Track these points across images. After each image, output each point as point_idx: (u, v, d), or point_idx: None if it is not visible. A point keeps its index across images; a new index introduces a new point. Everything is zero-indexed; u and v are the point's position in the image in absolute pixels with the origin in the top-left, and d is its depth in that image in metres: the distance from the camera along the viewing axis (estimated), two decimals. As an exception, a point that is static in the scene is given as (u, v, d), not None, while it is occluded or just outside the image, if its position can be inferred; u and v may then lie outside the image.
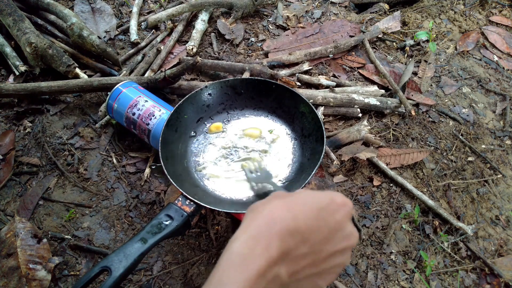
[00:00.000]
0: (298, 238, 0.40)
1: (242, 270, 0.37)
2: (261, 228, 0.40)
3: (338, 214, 0.43)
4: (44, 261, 0.79)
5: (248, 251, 0.38)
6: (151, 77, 1.05)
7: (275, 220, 0.40)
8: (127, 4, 1.40)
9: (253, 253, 0.38)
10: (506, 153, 1.10)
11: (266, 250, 0.38)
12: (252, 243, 0.39)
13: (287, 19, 1.38)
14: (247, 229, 0.40)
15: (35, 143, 1.01)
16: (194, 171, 0.86)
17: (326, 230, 0.42)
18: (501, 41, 1.37)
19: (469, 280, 0.87)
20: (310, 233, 0.41)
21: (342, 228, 0.43)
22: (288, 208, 0.42)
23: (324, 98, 1.07)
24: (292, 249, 0.40)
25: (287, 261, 0.40)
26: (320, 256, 0.42)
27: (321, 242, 0.41)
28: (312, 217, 0.41)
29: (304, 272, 0.41)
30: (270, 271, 0.38)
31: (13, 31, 1.12)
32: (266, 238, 0.39)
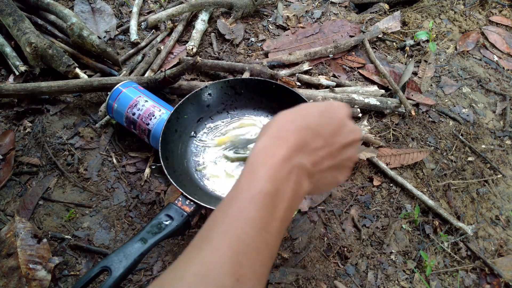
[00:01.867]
0: (311, 133, 0.46)
1: (269, 156, 0.43)
2: (277, 128, 0.45)
3: (339, 113, 0.49)
4: (44, 261, 0.79)
5: (271, 144, 0.44)
6: (151, 77, 1.05)
7: (288, 120, 0.46)
8: (127, 4, 1.40)
9: (275, 145, 0.44)
10: (506, 153, 1.10)
11: (285, 142, 0.44)
12: (273, 140, 0.44)
13: (287, 19, 1.38)
14: (265, 133, 0.45)
15: (35, 143, 1.01)
16: (194, 171, 0.86)
17: (333, 125, 0.47)
18: (501, 41, 1.37)
19: (469, 280, 0.87)
20: (320, 128, 0.46)
21: (345, 124, 0.49)
22: (296, 113, 0.47)
23: (324, 98, 1.07)
24: (309, 141, 0.45)
25: (307, 152, 0.45)
26: (335, 148, 0.47)
27: (332, 135, 0.47)
28: (318, 116, 0.47)
29: (324, 163, 0.47)
30: (293, 158, 0.43)
31: (13, 31, 1.12)
32: (284, 134, 0.45)
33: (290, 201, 0.42)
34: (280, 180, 0.41)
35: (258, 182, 0.41)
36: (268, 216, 0.40)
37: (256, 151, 0.44)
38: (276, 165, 0.42)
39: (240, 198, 0.40)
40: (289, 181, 0.42)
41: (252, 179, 0.41)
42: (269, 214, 0.40)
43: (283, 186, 0.42)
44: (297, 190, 0.43)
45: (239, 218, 0.39)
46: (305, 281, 0.81)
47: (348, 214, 0.93)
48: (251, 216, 0.39)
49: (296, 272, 0.82)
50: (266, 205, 0.40)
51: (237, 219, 0.39)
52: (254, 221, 0.39)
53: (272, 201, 0.40)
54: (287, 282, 0.81)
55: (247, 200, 0.40)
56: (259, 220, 0.39)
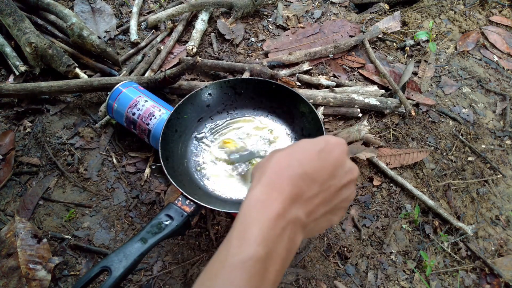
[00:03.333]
0: (307, 180, 0.43)
1: (262, 211, 0.40)
2: (272, 177, 0.43)
3: (336, 152, 0.46)
4: (44, 261, 0.79)
5: (265, 196, 0.41)
6: (151, 77, 1.05)
7: (283, 168, 0.44)
8: (127, 4, 1.40)
9: (270, 198, 0.41)
10: (506, 153, 1.10)
11: (281, 194, 0.41)
12: (267, 190, 0.42)
13: (287, 19, 1.38)
14: (259, 181, 0.43)
15: (35, 143, 1.01)
16: (194, 171, 0.86)
17: (329, 167, 0.45)
18: (501, 41, 1.37)
19: (469, 280, 0.87)
20: (316, 173, 0.44)
21: (342, 164, 0.46)
22: (291, 156, 0.45)
23: (324, 98, 1.07)
24: (304, 190, 0.43)
25: (302, 202, 0.43)
26: (330, 193, 0.45)
27: (328, 179, 0.45)
28: (314, 159, 0.45)
29: (319, 210, 0.45)
30: (288, 212, 0.41)
31: (13, 31, 1.12)
32: (279, 184, 0.42)
33: (283, 262, 0.41)
34: (273, 241, 0.39)
35: (249, 245, 0.38)
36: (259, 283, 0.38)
37: (248, 203, 0.42)
38: (270, 224, 0.39)
39: (230, 263, 0.38)
40: (283, 240, 0.40)
41: (243, 240, 0.39)
42: (260, 280, 0.38)
43: (276, 247, 0.40)
44: (291, 247, 0.42)
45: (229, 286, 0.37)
46: (305, 281, 0.81)
47: (348, 214, 0.93)
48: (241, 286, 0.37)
49: (296, 272, 0.82)
50: (257, 272, 0.38)
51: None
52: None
53: (263, 266, 0.38)
54: (287, 282, 0.81)
55: (237, 266, 0.37)
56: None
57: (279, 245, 0.40)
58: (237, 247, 0.39)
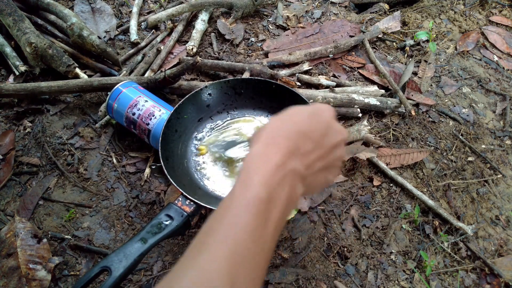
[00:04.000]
0: (302, 137, 0.47)
1: (263, 163, 0.43)
2: (268, 136, 0.46)
3: (325, 115, 0.51)
4: (44, 261, 0.79)
5: (265, 151, 0.45)
6: (151, 77, 1.05)
7: (279, 127, 0.48)
8: (127, 4, 1.40)
9: (268, 151, 0.45)
10: (506, 153, 1.10)
11: (279, 148, 0.45)
12: (266, 146, 0.45)
13: (287, 19, 1.38)
14: (257, 140, 0.46)
15: (35, 143, 1.01)
16: (194, 171, 0.86)
17: (321, 127, 0.49)
18: (501, 41, 1.37)
19: (469, 280, 0.87)
20: (310, 132, 0.48)
21: (332, 125, 0.51)
22: (285, 119, 0.49)
23: (324, 98, 1.07)
24: (300, 145, 0.46)
25: (299, 156, 0.46)
26: (324, 150, 0.49)
27: (321, 137, 0.49)
28: (307, 120, 0.49)
29: (316, 165, 0.48)
30: (287, 163, 0.44)
31: (13, 31, 1.12)
32: (276, 140, 0.46)
33: (284, 207, 0.43)
34: (274, 186, 0.42)
35: (253, 188, 0.41)
36: (263, 223, 0.40)
37: (249, 158, 0.45)
38: (270, 172, 0.42)
39: (235, 204, 0.41)
40: (283, 187, 0.43)
41: (247, 185, 0.42)
42: (264, 220, 0.40)
43: (277, 192, 0.42)
44: (291, 195, 0.44)
45: (235, 225, 0.39)
46: (305, 281, 0.81)
47: (348, 214, 0.93)
48: (247, 223, 0.39)
49: (296, 272, 0.82)
50: (261, 211, 0.40)
51: (233, 226, 0.39)
52: (249, 228, 0.39)
53: (266, 207, 0.41)
54: (287, 282, 0.81)
55: (242, 206, 0.40)
56: (254, 226, 0.40)
57: (280, 190, 0.43)
58: (241, 191, 0.42)
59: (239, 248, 0.38)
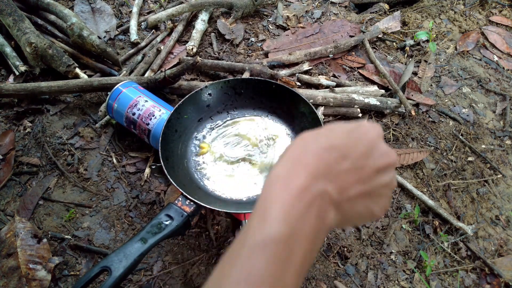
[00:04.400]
0: (335, 154, 0.39)
1: (284, 187, 0.37)
2: (296, 152, 0.40)
3: (370, 133, 0.42)
4: (44, 261, 0.79)
5: (288, 172, 0.38)
6: (151, 77, 1.05)
7: (308, 142, 0.40)
8: (127, 4, 1.40)
9: (292, 173, 0.38)
10: (506, 153, 1.10)
11: (304, 167, 0.38)
12: (290, 165, 0.39)
13: (287, 19, 1.38)
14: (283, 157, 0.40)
15: (35, 143, 1.01)
16: (194, 171, 0.86)
17: (361, 146, 0.41)
18: (501, 41, 1.37)
19: (469, 280, 0.87)
20: (346, 148, 0.40)
21: (377, 146, 0.42)
22: (318, 134, 0.41)
23: (324, 98, 1.07)
24: (333, 164, 0.39)
25: (331, 177, 0.39)
26: (365, 173, 0.40)
27: (361, 157, 0.40)
28: (344, 137, 0.41)
29: (353, 189, 0.40)
30: (314, 186, 0.37)
31: (13, 31, 1.12)
32: (303, 158, 0.39)
33: (310, 241, 0.36)
34: (297, 219, 0.36)
35: (270, 225, 0.35)
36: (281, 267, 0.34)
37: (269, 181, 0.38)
38: (293, 200, 0.36)
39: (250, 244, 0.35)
40: (309, 217, 0.36)
41: (263, 219, 0.36)
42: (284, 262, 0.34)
43: (301, 224, 0.36)
44: (319, 226, 0.37)
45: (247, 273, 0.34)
46: (305, 281, 0.81)
47: (348, 214, 0.93)
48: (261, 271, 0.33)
49: (296, 272, 0.82)
50: (280, 253, 0.34)
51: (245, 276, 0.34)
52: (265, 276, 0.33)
53: (287, 247, 0.35)
54: (287, 282, 0.80)
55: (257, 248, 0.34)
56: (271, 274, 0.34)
57: (305, 223, 0.36)
58: (257, 228, 0.36)
59: None
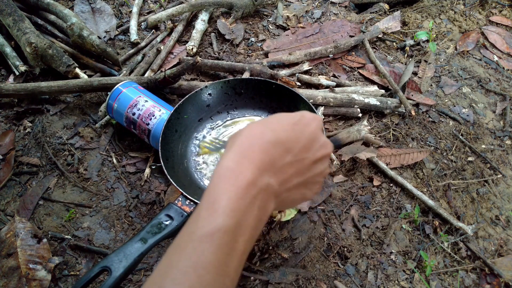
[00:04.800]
0: (280, 148, 0.43)
1: (232, 181, 0.39)
2: (244, 145, 0.42)
3: (311, 126, 0.46)
4: (44, 261, 0.79)
5: (236, 165, 0.40)
6: (151, 77, 1.05)
7: (256, 135, 0.43)
8: (127, 4, 1.40)
9: (240, 166, 0.40)
10: (506, 153, 1.10)
11: (252, 162, 0.40)
12: (238, 158, 0.41)
13: (287, 19, 1.38)
14: (231, 149, 0.42)
15: (35, 143, 1.01)
16: (194, 171, 0.86)
17: (304, 139, 0.44)
18: (501, 41, 1.37)
19: (469, 280, 0.87)
20: (290, 143, 0.43)
21: (317, 138, 0.46)
22: (265, 125, 0.44)
23: (324, 98, 1.07)
24: (277, 158, 0.42)
25: (275, 170, 0.42)
26: (304, 165, 0.45)
27: (302, 150, 0.44)
28: (289, 129, 0.44)
29: (292, 181, 0.44)
30: (259, 180, 0.40)
31: (13, 31, 1.12)
32: (251, 152, 0.41)
33: (253, 231, 0.39)
34: (243, 210, 0.38)
35: (218, 216, 0.37)
36: (227, 256, 0.36)
37: (218, 173, 0.40)
38: (240, 193, 0.38)
39: (198, 234, 0.37)
40: (253, 209, 0.39)
41: (212, 212, 0.37)
42: (229, 252, 0.37)
43: (246, 216, 0.38)
44: (261, 216, 0.40)
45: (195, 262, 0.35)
46: (305, 281, 0.81)
47: (348, 214, 0.93)
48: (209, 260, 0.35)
49: (296, 272, 0.82)
50: (226, 243, 0.36)
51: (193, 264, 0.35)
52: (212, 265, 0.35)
53: (232, 237, 0.37)
54: (287, 282, 0.81)
55: (205, 239, 0.36)
56: (218, 262, 0.36)
57: (249, 214, 0.39)
58: (206, 219, 0.37)
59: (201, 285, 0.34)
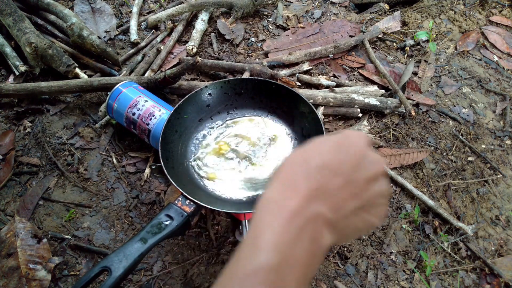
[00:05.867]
0: (327, 172, 0.39)
1: (276, 212, 0.36)
2: (287, 174, 0.39)
3: (357, 144, 0.42)
4: (44, 261, 0.79)
5: (279, 195, 0.37)
6: (151, 77, 1.05)
7: (299, 162, 0.40)
8: (127, 4, 1.40)
9: (284, 196, 0.37)
10: (506, 153, 1.10)
11: (296, 190, 0.37)
12: (281, 188, 0.38)
13: (287, 19, 1.38)
14: (274, 180, 0.40)
15: (35, 143, 1.01)
16: (194, 171, 0.86)
17: (351, 159, 0.40)
18: (501, 41, 1.37)
19: (469, 280, 0.87)
20: (337, 165, 0.39)
21: (365, 155, 0.41)
22: (307, 151, 0.41)
23: (324, 98, 1.07)
24: (324, 183, 0.38)
25: (324, 196, 0.38)
26: (357, 185, 0.40)
27: (351, 171, 0.40)
28: (333, 151, 0.40)
29: (348, 205, 0.39)
30: (306, 209, 0.36)
31: (13, 31, 1.12)
32: (294, 180, 0.38)
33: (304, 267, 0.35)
34: (289, 245, 0.34)
35: (261, 253, 0.34)
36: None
37: (261, 206, 0.37)
38: (284, 224, 0.35)
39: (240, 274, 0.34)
40: (302, 242, 0.35)
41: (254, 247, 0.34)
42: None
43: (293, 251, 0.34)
44: (314, 249, 0.36)
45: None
46: (305, 281, 0.81)
47: (348, 214, 0.93)
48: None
49: (296, 272, 0.82)
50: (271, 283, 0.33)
51: None
52: None
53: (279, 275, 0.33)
54: (287, 282, 0.80)
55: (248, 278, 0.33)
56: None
57: (298, 248, 0.35)
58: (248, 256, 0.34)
59: None
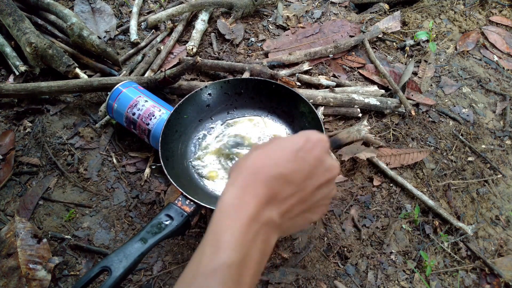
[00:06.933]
0: (282, 182, 0.42)
1: (235, 217, 0.40)
2: (246, 179, 0.42)
3: (315, 150, 0.45)
4: (44, 261, 0.79)
5: (238, 201, 0.41)
6: (151, 77, 1.05)
7: (258, 169, 0.43)
8: (127, 4, 1.40)
9: (243, 202, 0.41)
10: (506, 153, 1.10)
11: (254, 197, 0.41)
12: (241, 193, 0.41)
13: (287, 19, 1.38)
14: (234, 182, 0.43)
15: (35, 143, 1.01)
16: (194, 170, 0.86)
17: (307, 168, 0.44)
18: (501, 41, 1.37)
19: (469, 280, 0.87)
20: (292, 174, 0.43)
21: (321, 163, 0.45)
22: (268, 155, 0.44)
23: (324, 98, 1.07)
24: (278, 192, 0.42)
25: (276, 203, 0.42)
26: (306, 192, 0.44)
27: (304, 179, 0.44)
28: (291, 159, 0.43)
29: (294, 210, 0.44)
30: (261, 215, 0.41)
31: (13, 31, 1.12)
32: (253, 187, 0.42)
33: (257, 265, 0.40)
34: (247, 246, 0.39)
35: (222, 252, 0.37)
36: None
37: (221, 209, 0.41)
38: (243, 229, 0.39)
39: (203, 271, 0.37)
40: (256, 243, 0.40)
41: (216, 247, 0.38)
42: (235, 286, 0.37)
43: (250, 251, 0.39)
44: (265, 249, 0.41)
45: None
46: (305, 281, 0.81)
47: (348, 214, 0.93)
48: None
49: (296, 272, 0.82)
50: (231, 278, 0.37)
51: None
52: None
53: (237, 272, 0.37)
54: (287, 282, 0.81)
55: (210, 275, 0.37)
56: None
57: (253, 249, 0.39)
58: (210, 255, 0.38)
59: None
